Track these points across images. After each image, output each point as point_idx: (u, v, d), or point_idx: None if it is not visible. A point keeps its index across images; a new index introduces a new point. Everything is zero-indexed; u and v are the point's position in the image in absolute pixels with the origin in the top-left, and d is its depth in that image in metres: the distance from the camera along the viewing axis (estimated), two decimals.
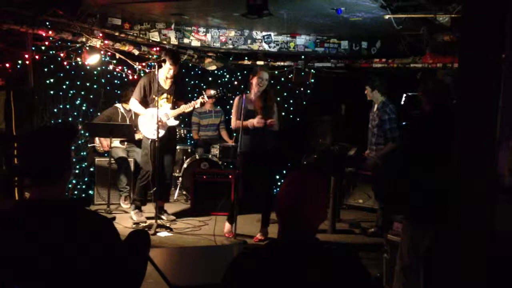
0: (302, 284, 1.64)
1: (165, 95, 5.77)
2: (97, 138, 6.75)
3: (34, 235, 1.73)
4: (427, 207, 3.16)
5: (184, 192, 7.23)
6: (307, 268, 1.66)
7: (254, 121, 5.20)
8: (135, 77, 6.84)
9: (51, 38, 5.80)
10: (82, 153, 7.01)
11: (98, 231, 1.81)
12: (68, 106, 6.81)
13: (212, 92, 6.13)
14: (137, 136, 6.51)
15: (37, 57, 5.87)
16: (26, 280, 1.70)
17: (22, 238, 1.73)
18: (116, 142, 6.72)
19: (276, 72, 8.22)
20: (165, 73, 5.70)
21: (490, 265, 1.64)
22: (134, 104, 5.80)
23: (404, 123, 5.75)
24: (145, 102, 5.77)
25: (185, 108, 5.79)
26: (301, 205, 1.74)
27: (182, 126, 8.01)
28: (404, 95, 6.71)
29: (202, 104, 6.04)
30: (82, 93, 6.95)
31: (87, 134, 6.88)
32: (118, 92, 7.16)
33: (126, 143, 6.87)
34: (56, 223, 1.77)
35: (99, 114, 6.97)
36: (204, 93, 6.02)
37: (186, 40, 6.83)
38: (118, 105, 6.88)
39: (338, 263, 1.71)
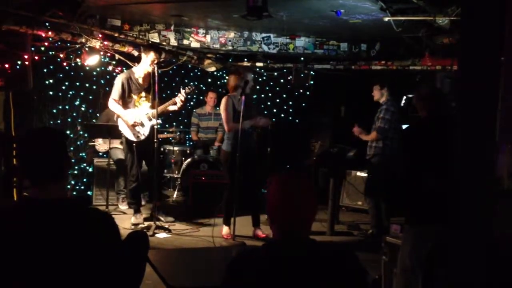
0: (301, 284, 1.65)
1: (143, 93, 5.62)
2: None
3: (35, 234, 1.73)
4: (427, 210, 3.17)
5: (182, 193, 7.22)
6: (306, 268, 1.67)
7: (262, 120, 5.40)
8: None
9: (50, 39, 5.79)
10: (81, 154, 7.00)
11: (100, 229, 1.82)
12: (67, 107, 6.81)
13: (187, 88, 5.81)
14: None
15: (36, 57, 5.87)
16: (27, 279, 1.69)
17: (23, 238, 1.73)
18: (115, 143, 6.70)
19: (276, 73, 8.22)
20: (146, 69, 5.49)
21: (490, 266, 1.64)
22: (113, 105, 5.44)
23: (404, 127, 5.76)
24: (124, 102, 5.50)
25: (165, 105, 5.66)
26: (297, 207, 1.76)
27: (182, 127, 8.00)
28: (404, 97, 6.72)
29: (185, 98, 5.74)
30: (82, 94, 6.95)
31: (86, 135, 6.87)
32: None
33: None
34: (58, 222, 1.77)
35: (98, 115, 6.95)
36: (182, 90, 5.75)
37: (185, 41, 6.83)
38: None
39: (336, 262, 1.71)
